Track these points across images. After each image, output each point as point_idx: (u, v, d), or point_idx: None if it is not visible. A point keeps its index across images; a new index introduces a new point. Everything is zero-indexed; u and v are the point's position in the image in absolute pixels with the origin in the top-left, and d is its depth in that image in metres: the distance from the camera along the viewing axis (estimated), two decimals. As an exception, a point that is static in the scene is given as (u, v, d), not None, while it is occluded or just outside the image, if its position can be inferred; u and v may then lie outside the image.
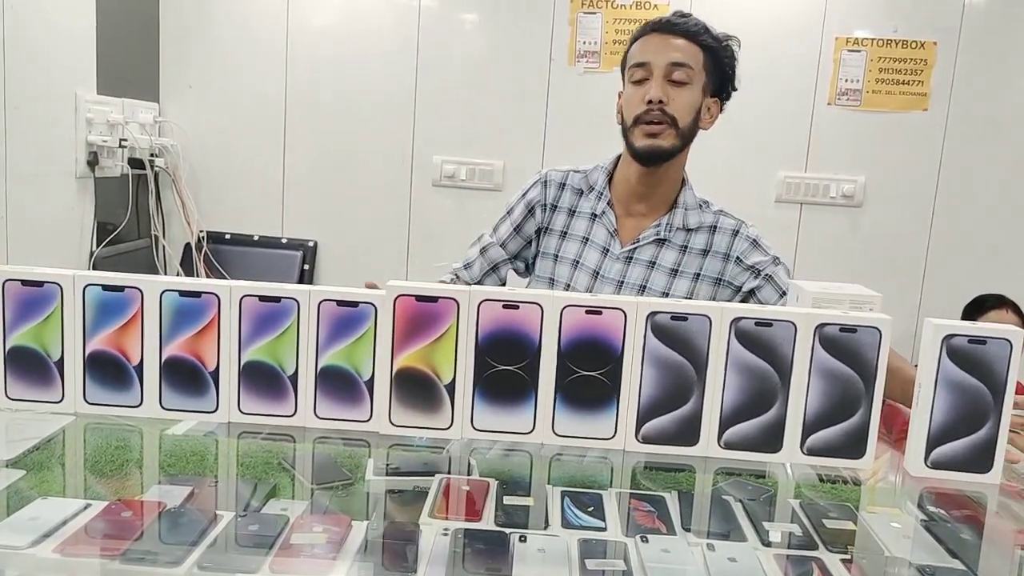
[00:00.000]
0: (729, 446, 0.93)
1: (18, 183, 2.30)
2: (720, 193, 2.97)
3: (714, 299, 1.53)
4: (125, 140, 2.74)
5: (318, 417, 0.96)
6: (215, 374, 0.95)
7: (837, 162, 2.92)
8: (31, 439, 0.96)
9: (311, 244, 3.12)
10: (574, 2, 2.92)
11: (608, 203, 1.55)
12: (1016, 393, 0.93)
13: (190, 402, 0.96)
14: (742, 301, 1.52)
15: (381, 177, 3.04)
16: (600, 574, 0.76)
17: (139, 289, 0.95)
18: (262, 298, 0.94)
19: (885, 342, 0.91)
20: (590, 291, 1.50)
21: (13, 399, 0.96)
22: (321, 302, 0.94)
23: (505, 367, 0.93)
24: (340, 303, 0.94)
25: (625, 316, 0.91)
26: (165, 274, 2.98)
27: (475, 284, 1.57)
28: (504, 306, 0.92)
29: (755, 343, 0.92)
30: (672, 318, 0.92)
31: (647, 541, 0.81)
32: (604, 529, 0.84)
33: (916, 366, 0.95)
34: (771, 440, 0.93)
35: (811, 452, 0.93)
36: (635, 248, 1.53)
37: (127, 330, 0.95)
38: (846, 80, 2.87)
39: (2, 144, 2.24)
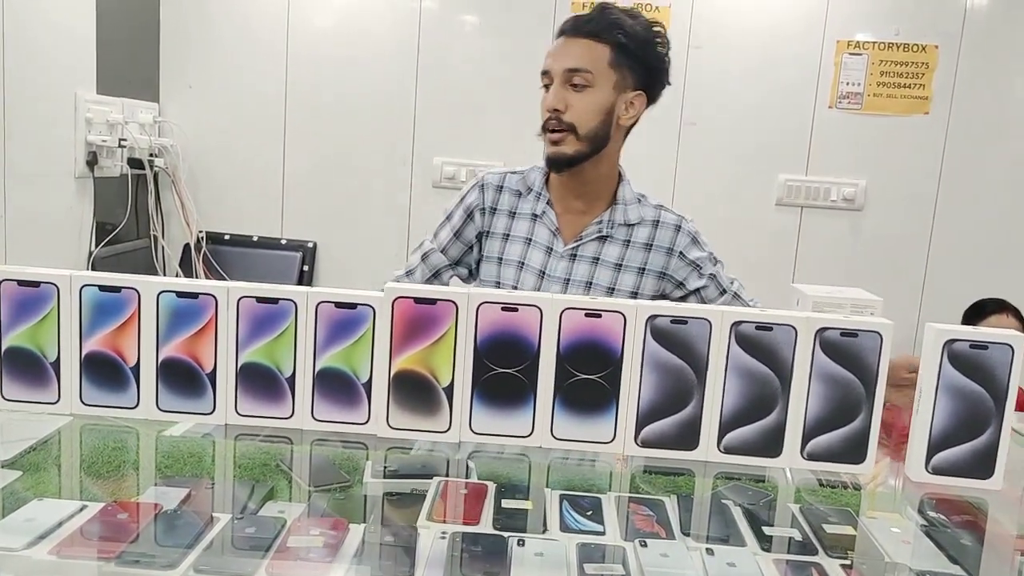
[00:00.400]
0: (729, 450, 0.93)
1: (17, 183, 2.29)
2: (720, 196, 2.98)
3: (660, 292, 1.56)
4: (125, 140, 2.74)
5: (316, 419, 0.95)
6: (212, 376, 0.95)
7: (838, 165, 2.91)
8: (27, 440, 0.96)
9: (311, 245, 3.11)
10: (574, 4, 2.91)
11: (547, 202, 1.56)
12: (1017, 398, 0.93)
13: (187, 404, 0.96)
14: (682, 298, 1.56)
15: (381, 178, 3.04)
16: (599, 579, 0.76)
17: (136, 290, 0.94)
18: (260, 299, 0.94)
19: (886, 346, 0.90)
20: (538, 291, 1.51)
21: (9, 400, 0.96)
22: (319, 304, 0.93)
23: (504, 370, 0.93)
24: (338, 305, 0.93)
25: (625, 319, 0.91)
26: (164, 274, 2.98)
27: None
28: (503, 308, 0.92)
29: (755, 347, 0.91)
30: (672, 321, 0.91)
31: (646, 546, 0.81)
32: (603, 533, 0.84)
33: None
34: (771, 445, 0.93)
35: (811, 457, 0.92)
36: (578, 245, 1.54)
37: (124, 331, 0.95)
38: (847, 83, 2.87)
39: (1, 144, 2.24)
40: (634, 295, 1.54)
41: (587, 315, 0.91)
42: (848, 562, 0.81)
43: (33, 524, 0.78)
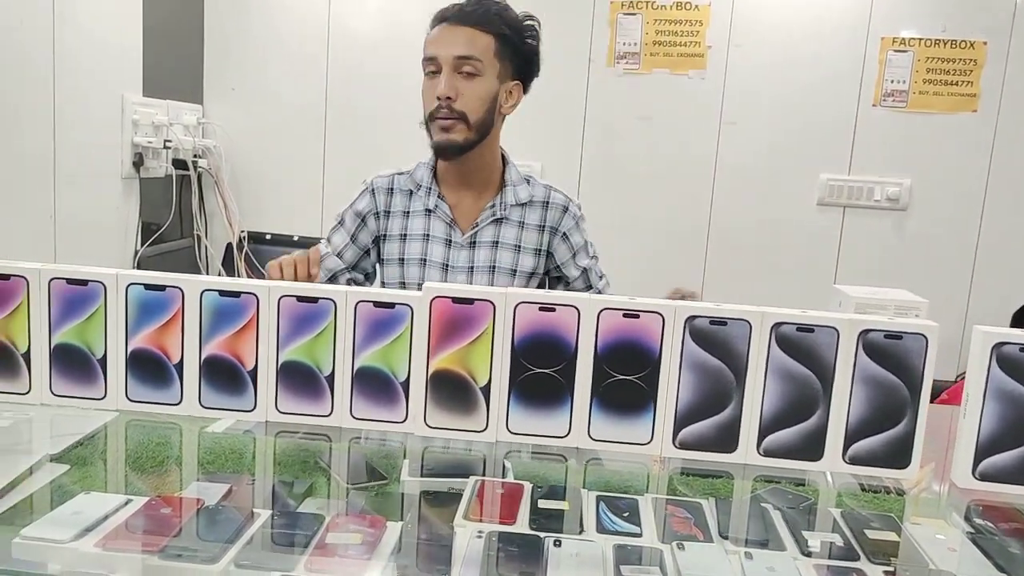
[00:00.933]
0: (769, 453, 0.92)
1: (67, 184, 2.35)
2: (760, 196, 2.95)
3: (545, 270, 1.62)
4: (169, 141, 2.79)
5: (354, 417, 0.96)
6: (253, 373, 0.96)
7: (882, 164, 2.86)
8: (75, 435, 0.97)
9: (350, 245, 3.14)
10: (614, 3, 2.90)
11: (438, 196, 1.57)
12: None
13: (229, 401, 0.97)
14: (546, 273, 1.62)
15: (419, 179, 3.05)
16: (636, 581, 0.75)
17: (180, 288, 0.96)
18: (300, 298, 0.95)
19: (932, 349, 0.88)
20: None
21: (58, 395, 0.98)
22: (358, 303, 0.94)
23: (541, 370, 0.92)
24: (377, 304, 0.94)
25: (663, 320, 0.90)
26: (207, 273, 3.03)
27: None
28: (540, 309, 0.91)
29: (796, 349, 0.90)
30: (711, 322, 0.90)
31: (683, 548, 0.80)
32: (640, 535, 0.83)
33: (963, 375, 0.93)
34: (812, 448, 0.91)
35: (853, 461, 0.91)
36: (476, 232, 1.56)
37: (168, 329, 0.97)
38: (892, 81, 2.81)
39: (51, 146, 2.30)
40: (531, 275, 1.59)
41: (625, 315, 0.91)
42: (891, 569, 0.80)
43: (80, 517, 0.79)
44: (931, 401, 0.92)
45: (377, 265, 1.64)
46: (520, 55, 1.53)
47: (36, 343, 0.97)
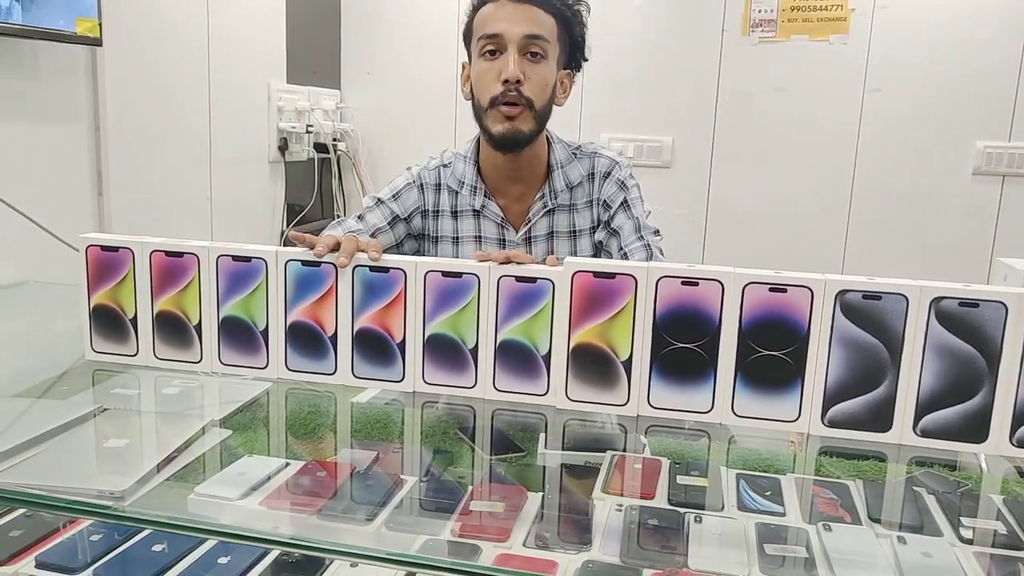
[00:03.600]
0: (926, 434, 0.87)
1: (220, 168, 2.50)
2: (908, 167, 2.79)
3: (603, 242, 1.47)
4: (311, 126, 2.92)
5: (497, 389, 0.98)
6: (402, 346, 1.00)
7: (1048, 129, 2.64)
8: (236, 402, 1.04)
9: (481, 223, 3.20)
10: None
11: (484, 194, 1.44)
12: None
13: (379, 371, 1.01)
14: (601, 238, 1.46)
15: (548, 156, 3.07)
16: (780, 560, 0.74)
17: (333, 264, 1.01)
18: (445, 273, 0.98)
19: (1113, 327, 0.82)
20: None
21: (226, 364, 1.05)
22: (500, 278, 0.96)
23: (684, 345, 0.92)
24: (519, 279, 0.95)
25: (812, 294, 0.88)
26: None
27: None
28: (683, 283, 0.90)
29: (958, 325, 0.85)
30: (864, 297, 0.87)
31: (830, 530, 0.78)
32: (783, 514, 0.82)
33: None
34: (974, 430, 0.86)
35: (1021, 444, 0.85)
36: (530, 227, 1.44)
37: (323, 303, 1.02)
38: (1060, 38, 2.59)
39: (207, 133, 2.45)
40: (593, 256, 1.45)
41: (771, 290, 0.88)
42: (1061, 560, 0.75)
43: (245, 478, 0.85)
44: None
45: None
46: (574, 40, 1.39)
47: (207, 316, 1.05)
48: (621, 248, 1.42)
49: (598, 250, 1.49)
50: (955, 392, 0.86)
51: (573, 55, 1.41)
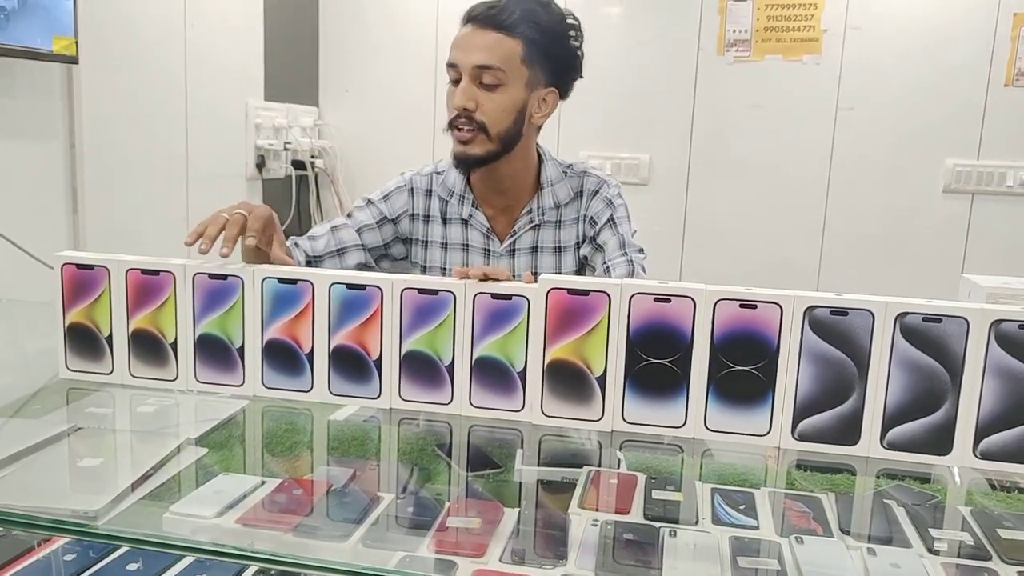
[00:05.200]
0: (893, 447, 0.89)
1: (197, 185, 2.50)
2: (880, 184, 2.83)
3: (588, 257, 1.50)
4: (289, 143, 2.92)
5: (473, 406, 0.99)
6: (378, 362, 1.00)
7: (1015, 148, 2.70)
8: (213, 420, 1.04)
9: (459, 240, 3.21)
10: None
11: (472, 204, 1.49)
12: None
13: (355, 388, 1.02)
14: (586, 253, 1.50)
15: (527, 173, 3.08)
16: (753, 573, 0.75)
17: (310, 282, 1.01)
18: (421, 291, 0.98)
19: (1071, 341, 0.84)
20: None
21: (202, 382, 1.05)
22: (476, 295, 0.97)
23: (657, 360, 0.93)
24: (494, 296, 0.96)
25: (781, 310, 0.89)
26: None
27: (313, 257, 1.46)
28: (656, 299, 0.92)
29: (922, 340, 0.87)
30: (831, 313, 0.89)
31: (802, 542, 0.79)
32: (757, 528, 0.83)
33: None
34: (939, 442, 0.88)
35: (985, 456, 0.87)
36: (514, 240, 1.48)
37: (300, 320, 1.02)
38: (1025, 59, 2.65)
39: (184, 150, 2.45)
40: (576, 272, 1.50)
41: (742, 306, 0.90)
42: (1027, 570, 0.76)
43: (220, 496, 0.84)
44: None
45: (413, 270, 1.57)
46: (555, 59, 1.40)
47: (183, 334, 1.05)
48: (605, 263, 1.45)
49: (583, 265, 1.51)
50: (920, 405, 0.88)
51: (560, 71, 1.43)
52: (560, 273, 1.49)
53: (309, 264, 1.45)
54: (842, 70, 2.79)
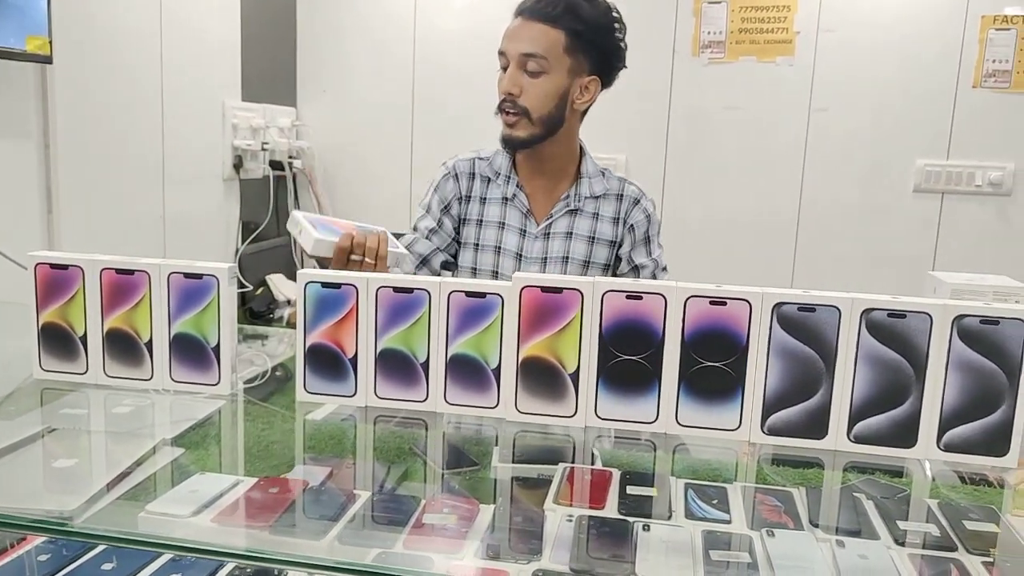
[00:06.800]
0: (859, 440, 0.91)
1: (173, 186, 2.49)
2: (853, 184, 2.87)
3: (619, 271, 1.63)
4: (266, 144, 2.91)
5: (448, 403, 0.99)
6: (354, 361, 1.01)
7: (983, 148, 2.74)
8: (189, 420, 1.03)
9: (438, 240, 3.21)
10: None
11: (516, 185, 1.59)
12: None
13: (331, 387, 1.02)
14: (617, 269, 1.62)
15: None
16: (725, 565, 0.76)
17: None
18: (396, 289, 0.99)
19: (1032, 335, 0.86)
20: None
21: (177, 381, 1.05)
22: (451, 293, 0.97)
23: (629, 357, 0.94)
24: (469, 294, 0.97)
25: (750, 307, 0.91)
26: (303, 269, 3.14)
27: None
28: (628, 297, 0.93)
29: (888, 335, 0.89)
30: (799, 309, 0.90)
31: (773, 535, 0.81)
32: (729, 522, 0.84)
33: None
34: (905, 435, 0.90)
35: (948, 448, 0.89)
36: (551, 223, 1.58)
37: (275, 319, 1.02)
38: (994, 61, 2.70)
39: (160, 150, 2.43)
40: (606, 268, 1.60)
41: (712, 303, 0.91)
42: (991, 560, 0.78)
43: (196, 495, 0.84)
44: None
45: (463, 249, 1.67)
46: (597, 50, 1.51)
47: (158, 333, 1.05)
48: None
49: (614, 267, 1.62)
50: (886, 399, 0.90)
51: (603, 61, 1.54)
52: (591, 262, 1.58)
53: None
54: (815, 72, 2.82)
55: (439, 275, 1.65)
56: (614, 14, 1.54)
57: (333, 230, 1.40)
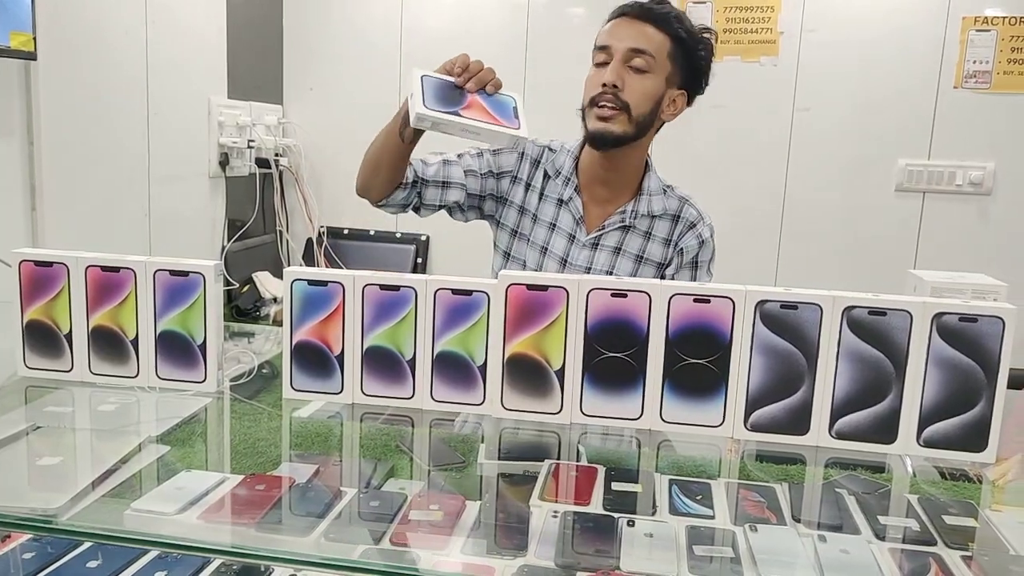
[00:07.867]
0: (841, 436, 0.92)
1: (159, 184, 2.47)
2: (836, 183, 2.89)
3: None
4: (253, 141, 2.90)
5: (434, 400, 1.00)
6: (340, 358, 1.01)
7: (964, 148, 2.77)
8: (175, 417, 1.04)
9: (423, 238, 3.21)
10: (681, -8, 2.89)
11: (575, 189, 1.54)
12: None
13: (318, 384, 1.02)
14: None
15: (491, 172, 3.10)
16: (708, 560, 0.77)
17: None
18: (383, 287, 0.99)
19: (1009, 332, 0.87)
20: None
21: (163, 378, 1.05)
22: (437, 291, 0.98)
23: (614, 354, 0.95)
24: (455, 292, 0.98)
25: (734, 304, 0.92)
26: (289, 266, 3.13)
27: (421, 179, 1.54)
28: (612, 295, 0.94)
29: (868, 332, 0.90)
30: (782, 306, 0.91)
31: (756, 530, 0.82)
32: (712, 517, 0.85)
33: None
34: (885, 430, 0.91)
35: (928, 444, 0.90)
36: (601, 235, 1.53)
37: (261, 316, 1.02)
38: (974, 62, 2.72)
39: (145, 148, 2.42)
40: None
41: (696, 300, 0.92)
42: (969, 554, 0.79)
43: (183, 492, 0.85)
44: (1019, 388, 0.91)
45: (492, 226, 1.61)
46: (691, 64, 1.48)
47: (143, 330, 1.05)
48: None
49: None
50: (866, 396, 0.91)
51: (691, 77, 1.50)
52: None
53: (415, 184, 1.52)
54: (798, 72, 2.84)
55: (448, 210, 1.58)
56: (706, 36, 1.50)
57: (448, 101, 1.32)
